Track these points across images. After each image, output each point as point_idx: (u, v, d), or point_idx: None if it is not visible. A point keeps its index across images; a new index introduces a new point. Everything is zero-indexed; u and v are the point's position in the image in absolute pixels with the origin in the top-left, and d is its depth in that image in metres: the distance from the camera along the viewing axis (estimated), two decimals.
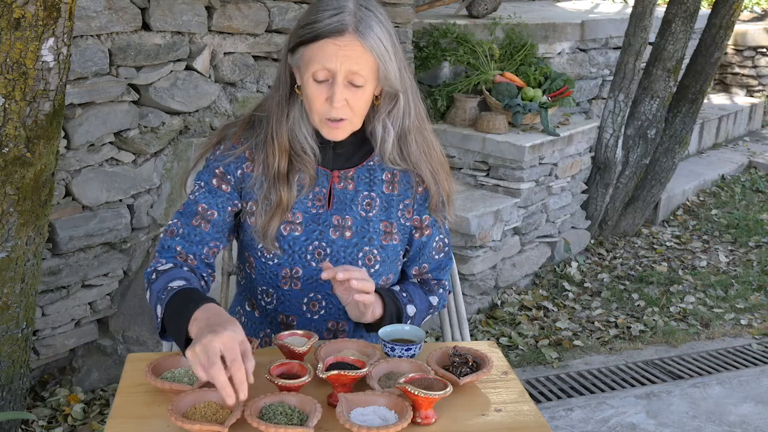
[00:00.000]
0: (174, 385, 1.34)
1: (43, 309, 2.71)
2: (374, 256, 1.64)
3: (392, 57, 1.52)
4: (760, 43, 7.69)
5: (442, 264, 1.78)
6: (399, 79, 1.55)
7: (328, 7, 1.49)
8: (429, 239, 1.72)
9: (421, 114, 1.67)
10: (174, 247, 1.60)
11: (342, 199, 1.64)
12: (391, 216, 1.67)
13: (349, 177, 1.65)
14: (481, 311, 3.83)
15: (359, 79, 1.50)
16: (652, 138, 4.64)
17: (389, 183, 1.67)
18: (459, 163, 4.08)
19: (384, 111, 1.61)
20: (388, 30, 1.53)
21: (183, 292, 1.46)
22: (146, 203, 2.93)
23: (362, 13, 1.49)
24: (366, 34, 1.48)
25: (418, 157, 1.65)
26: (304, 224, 1.62)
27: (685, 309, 3.97)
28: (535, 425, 1.35)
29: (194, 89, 2.94)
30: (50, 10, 1.91)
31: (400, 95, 1.59)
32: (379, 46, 1.49)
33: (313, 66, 1.49)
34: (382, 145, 1.63)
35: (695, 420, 2.97)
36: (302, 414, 1.28)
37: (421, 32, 4.29)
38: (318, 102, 1.52)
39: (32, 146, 2.05)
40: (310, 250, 1.62)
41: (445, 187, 1.69)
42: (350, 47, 1.47)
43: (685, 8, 4.39)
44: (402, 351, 1.48)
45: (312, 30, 1.49)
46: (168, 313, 1.46)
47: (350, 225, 1.64)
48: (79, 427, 2.68)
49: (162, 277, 1.54)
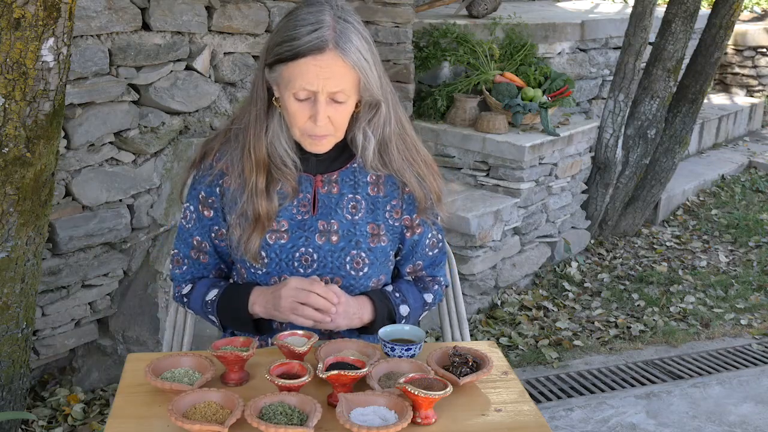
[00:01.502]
0: (174, 385, 1.34)
1: (43, 309, 2.72)
2: (362, 260, 1.63)
3: (372, 67, 1.50)
4: (760, 43, 7.69)
5: (436, 260, 1.77)
6: (380, 88, 1.54)
7: (305, 22, 1.46)
8: (421, 237, 1.72)
9: (402, 120, 1.65)
10: (186, 278, 1.72)
11: (327, 204, 1.63)
12: (377, 218, 1.66)
13: (333, 180, 1.64)
14: (481, 311, 3.83)
15: (341, 95, 1.48)
16: (652, 138, 4.64)
17: (374, 185, 1.66)
18: (459, 163, 4.08)
19: (364, 119, 1.59)
20: (367, 39, 1.51)
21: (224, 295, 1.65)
22: (146, 203, 2.93)
23: (341, 26, 1.46)
24: (347, 50, 1.45)
25: (400, 164, 1.64)
26: (290, 231, 1.62)
27: (685, 309, 3.97)
28: (535, 425, 1.35)
29: (194, 89, 2.94)
30: (50, 10, 1.91)
31: (381, 104, 1.57)
32: (360, 60, 1.47)
33: (294, 86, 1.47)
34: (363, 152, 1.62)
35: (695, 420, 2.97)
36: (302, 414, 1.28)
37: (421, 32, 4.29)
38: (301, 120, 1.51)
39: (32, 146, 2.05)
40: (297, 257, 1.62)
41: (434, 187, 1.68)
42: (331, 66, 1.45)
43: (685, 8, 4.39)
44: (402, 351, 1.48)
45: (290, 48, 1.45)
46: (224, 318, 1.65)
47: (336, 229, 1.63)
48: (79, 427, 2.68)
49: (192, 298, 1.69)
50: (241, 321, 1.63)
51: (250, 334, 1.64)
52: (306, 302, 1.51)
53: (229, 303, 1.63)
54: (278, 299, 1.53)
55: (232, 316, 1.64)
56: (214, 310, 1.65)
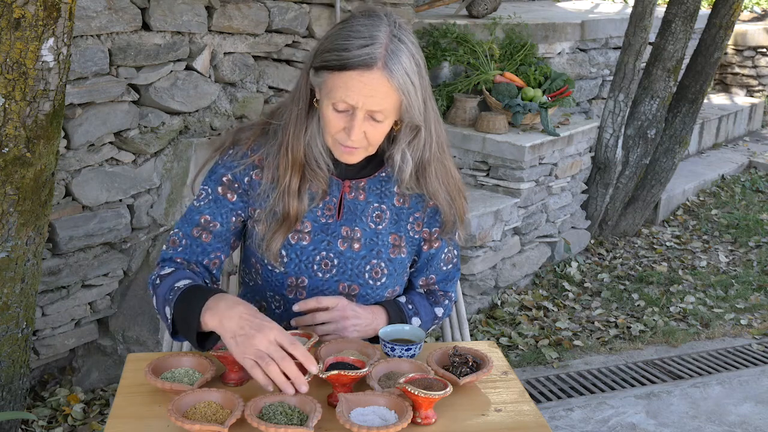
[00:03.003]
0: (174, 385, 1.34)
1: (43, 309, 2.71)
2: (381, 270, 1.63)
3: (418, 92, 1.47)
4: (760, 43, 7.69)
5: (449, 275, 1.76)
6: (422, 112, 1.50)
7: (360, 35, 1.42)
8: (438, 251, 1.71)
9: (443, 143, 1.62)
10: (175, 259, 1.60)
11: (352, 210, 1.62)
12: (400, 229, 1.65)
13: (360, 187, 1.63)
14: (481, 311, 3.83)
15: (380, 115, 1.46)
16: (652, 138, 4.64)
17: (400, 195, 1.65)
18: (459, 163, 4.08)
19: (404, 140, 1.56)
20: (418, 62, 1.47)
21: (191, 288, 1.47)
22: (146, 203, 2.93)
23: (394, 45, 1.43)
24: (394, 71, 1.42)
25: (436, 187, 1.61)
26: (312, 233, 1.61)
27: (685, 309, 3.97)
28: (535, 425, 1.35)
29: (194, 89, 2.94)
30: (50, 10, 1.91)
31: (422, 128, 1.55)
32: (405, 83, 1.43)
33: (335, 97, 1.44)
34: (400, 173, 1.59)
35: (695, 420, 2.97)
36: (302, 414, 1.28)
37: (421, 32, 4.29)
38: (334, 129, 1.48)
39: (32, 146, 2.05)
40: (318, 260, 1.61)
41: (460, 210, 1.67)
42: (375, 85, 1.42)
43: (685, 8, 4.39)
44: (402, 351, 1.48)
45: (339, 58, 1.42)
46: (178, 311, 1.46)
47: (359, 237, 1.62)
48: (79, 427, 2.68)
49: (166, 280, 1.53)
50: (188, 323, 1.43)
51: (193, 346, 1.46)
52: (279, 363, 1.31)
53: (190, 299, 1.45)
54: (247, 338, 1.33)
55: (183, 315, 1.45)
56: (173, 298, 1.47)
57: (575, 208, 4.56)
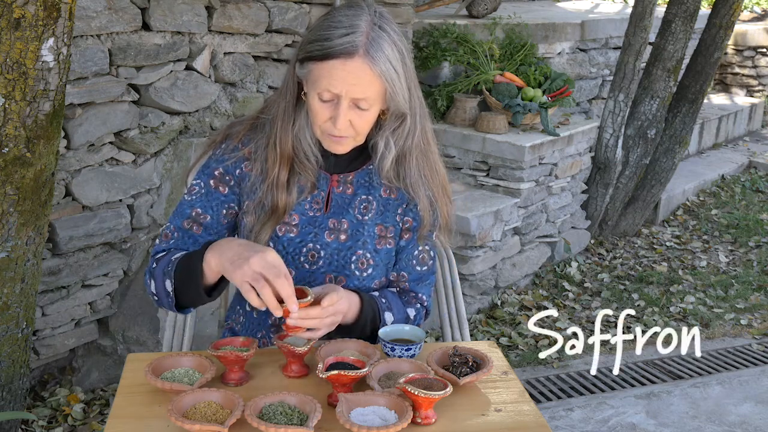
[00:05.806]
0: (174, 385, 1.34)
1: (43, 309, 2.71)
2: (367, 260, 1.63)
3: (402, 79, 1.49)
4: (760, 43, 7.69)
5: (423, 277, 1.73)
6: (407, 100, 1.52)
7: (341, 25, 1.45)
8: (408, 244, 1.69)
9: (428, 135, 1.63)
10: (167, 251, 1.61)
11: (340, 203, 1.63)
12: (386, 219, 1.65)
13: (348, 181, 1.64)
14: (481, 311, 3.83)
15: (364, 103, 1.48)
16: (652, 138, 4.64)
17: (387, 187, 1.66)
18: (459, 163, 4.08)
19: (389, 128, 1.58)
20: (401, 49, 1.49)
21: (188, 252, 1.52)
22: (146, 203, 2.93)
23: (375, 33, 1.45)
24: (376, 58, 1.44)
25: (416, 180, 1.62)
26: (300, 226, 1.62)
27: (685, 309, 3.97)
28: (535, 425, 1.35)
29: (194, 89, 2.94)
30: (50, 10, 1.91)
31: (408, 116, 1.56)
32: (389, 70, 1.46)
33: (319, 86, 1.47)
34: (381, 161, 1.61)
35: (695, 420, 2.97)
36: (302, 414, 1.28)
37: (421, 32, 4.29)
38: (321, 119, 1.51)
39: (32, 146, 2.05)
40: (304, 252, 1.62)
41: (444, 213, 1.67)
42: (358, 73, 1.44)
43: (685, 8, 4.39)
44: (402, 351, 1.48)
45: (321, 48, 1.45)
46: (180, 268, 1.50)
47: (345, 228, 1.63)
48: (79, 427, 2.68)
49: (163, 259, 1.57)
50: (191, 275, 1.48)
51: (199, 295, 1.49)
52: (272, 282, 1.36)
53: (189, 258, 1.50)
54: (244, 259, 1.37)
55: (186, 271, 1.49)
56: (173, 269, 1.51)
57: (575, 208, 4.56)
